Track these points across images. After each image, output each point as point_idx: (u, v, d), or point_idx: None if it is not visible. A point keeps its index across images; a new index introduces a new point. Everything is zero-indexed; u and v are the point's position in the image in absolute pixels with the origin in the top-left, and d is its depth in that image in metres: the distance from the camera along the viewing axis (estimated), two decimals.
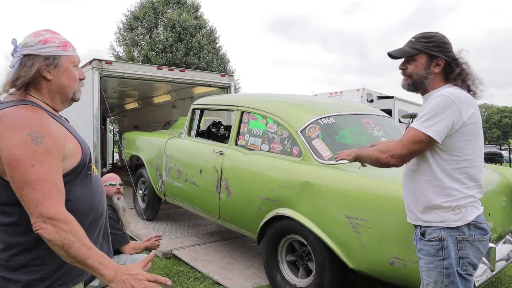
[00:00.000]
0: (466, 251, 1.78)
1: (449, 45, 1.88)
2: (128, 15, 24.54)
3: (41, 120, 1.29)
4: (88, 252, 1.23)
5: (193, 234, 5.09)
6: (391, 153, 1.84)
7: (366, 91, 13.47)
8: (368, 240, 2.66)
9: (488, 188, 3.10)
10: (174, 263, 4.12)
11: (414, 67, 1.87)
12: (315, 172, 3.06)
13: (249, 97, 4.21)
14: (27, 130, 1.24)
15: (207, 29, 24.59)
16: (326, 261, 2.93)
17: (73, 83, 1.45)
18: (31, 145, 1.22)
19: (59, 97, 1.43)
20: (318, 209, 2.96)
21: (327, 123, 3.39)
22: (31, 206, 1.21)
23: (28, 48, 1.36)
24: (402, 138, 1.83)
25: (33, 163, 1.22)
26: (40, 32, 1.41)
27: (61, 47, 1.40)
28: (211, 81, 7.39)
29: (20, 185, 1.21)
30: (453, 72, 1.83)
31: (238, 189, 3.67)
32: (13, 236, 1.29)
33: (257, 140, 3.74)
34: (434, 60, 1.85)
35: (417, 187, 1.88)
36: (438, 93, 1.81)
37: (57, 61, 1.39)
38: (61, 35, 1.45)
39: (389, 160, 1.85)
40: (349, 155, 2.15)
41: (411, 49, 1.87)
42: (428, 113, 1.76)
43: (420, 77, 1.87)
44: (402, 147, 1.81)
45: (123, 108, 12.94)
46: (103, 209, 1.52)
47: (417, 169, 1.88)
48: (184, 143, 4.73)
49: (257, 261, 4.11)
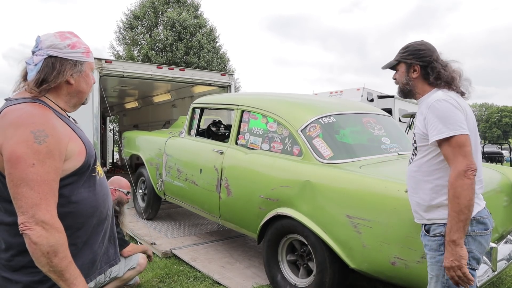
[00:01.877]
0: (470, 246, 1.81)
1: (424, 51, 2.00)
2: (128, 14, 24.54)
3: (46, 119, 1.28)
4: (69, 265, 1.22)
5: (193, 233, 5.07)
6: (468, 171, 1.71)
7: (367, 90, 13.45)
8: (369, 240, 2.64)
9: (489, 188, 3.09)
10: (174, 263, 4.11)
11: (398, 75, 2.08)
12: (316, 171, 3.05)
13: (250, 96, 4.20)
14: (30, 128, 1.22)
15: (207, 28, 24.59)
16: (326, 261, 2.92)
17: (89, 88, 1.48)
18: (33, 143, 1.21)
19: (74, 100, 1.45)
20: (319, 208, 2.94)
21: (328, 122, 3.37)
22: (24, 206, 1.18)
23: (56, 50, 1.36)
24: (453, 155, 1.75)
25: (34, 163, 1.20)
26: (65, 35, 1.40)
27: (85, 53, 1.42)
28: (211, 80, 7.38)
29: (17, 182, 1.19)
30: (430, 76, 1.96)
31: (238, 189, 3.66)
32: (15, 236, 1.28)
33: (257, 139, 3.73)
34: (411, 67, 2.01)
35: (419, 187, 1.95)
36: (429, 99, 1.90)
37: (82, 67, 1.41)
38: (82, 40, 1.46)
39: (472, 176, 1.72)
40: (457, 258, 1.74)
41: (393, 61, 2.09)
42: (442, 119, 1.79)
43: (403, 83, 2.05)
44: (464, 156, 1.74)
45: (123, 107, 12.93)
46: (108, 211, 1.50)
47: (418, 170, 1.95)
48: (184, 142, 4.72)
49: (257, 261, 4.10)
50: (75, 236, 1.28)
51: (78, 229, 1.32)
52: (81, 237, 1.34)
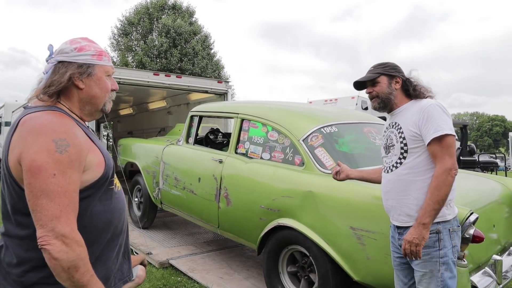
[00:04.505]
0: (455, 241, 2.04)
1: (400, 68, 2.26)
2: (123, 20, 24.49)
3: (67, 127, 1.23)
4: (91, 280, 1.17)
5: (189, 243, 5.00)
6: (452, 170, 1.94)
7: (361, 98, 13.50)
8: (373, 252, 2.60)
9: (491, 199, 3.09)
10: (172, 273, 4.03)
11: (379, 87, 2.20)
12: (318, 181, 3.01)
13: (250, 105, 4.16)
14: (52, 136, 1.17)
15: (202, 34, 24.61)
16: (329, 273, 2.87)
17: (104, 93, 1.39)
18: (55, 153, 1.16)
19: (89, 107, 1.38)
20: (322, 219, 2.90)
21: (330, 132, 3.35)
22: (44, 218, 1.12)
23: (63, 55, 1.32)
24: (444, 150, 1.96)
25: (55, 173, 1.15)
26: (76, 40, 1.36)
27: (96, 56, 1.35)
28: (208, 88, 7.35)
29: (37, 193, 1.13)
30: (409, 88, 2.17)
31: (238, 198, 3.61)
32: (27, 250, 1.21)
33: (257, 148, 3.69)
34: (393, 79, 2.19)
35: (410, 188, 2.06)
36: (420, 104, 2.09)
37: (91, 69, 1.34)
38: (98, 44, 1.40)
39: (454, 175, 1.96)
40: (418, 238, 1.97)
41: (374, 74, 2.22)
42: (438, 119, 1.99)
43: (386, 94, 2.19)
44: (450, 156, 1.96)
45: (118, 113, 12.85)
46: (123, 226, 1.44)
47: (410, 172, 2.07)
48: (182, 151, 4.66)
49: (256, 271, 4.04)
50: (88, 251, 1.23)
51: (91, 245, 1.26)
52: (94, 252, 1.28)
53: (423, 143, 2.03)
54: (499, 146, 69.69)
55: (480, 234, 2.26)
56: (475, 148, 11.86)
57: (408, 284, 2.18)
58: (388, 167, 2.20)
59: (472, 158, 11.13)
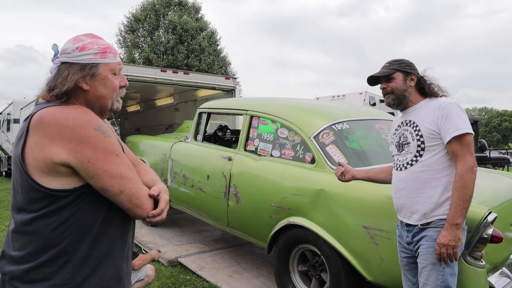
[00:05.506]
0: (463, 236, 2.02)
1: (415, 66, 2.24)
2: (130, 17, 24.50)
3: (93, 116, 1.24)
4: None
5: (198, 240, 4.97)
6: (474, 168, 1.94)
7: (369, 94, 13.39)
8: (387, 252, 2.55)
9: (507, 197, 3.01)
10: (180, 272, 4.01)
11: (394, 83, 2.18)
12: (329, 179, 2.95)
13: (259, 101, 4.10)
14: (92, 126, 1.19)
15: (208, 31, 24.54)
16: (341, 273, 2.82)
17: (111, 92, 1.33)
18: (104, 138, 1.20)
19: (98, 107, 1.33)
20: (333, 218, 2.85)
21: (341, 128, 3.28)
22: (136, 195, 1.24)
23: (65, 55, 1.27)
24: (465, 148, 1.96)
25: (117, 154, 1.22)
26: (80, 37, 1.31)
27: (99, 54, 1.29)
28: (215, 84, 7.30)
29: (117, 176, 1.21)
30: (425, 85, 2.16)
31: (248, 196, 3.56)
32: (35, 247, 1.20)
33: (267, 146, 3.64)
34: (409, 76, 2.18)
35: (426, 186, 2.04)
36: (438, 103, 2.07)
37: (94, 70, 1.28)
38: (103, 40, 1.34)
39: (475, 173, 1.96)
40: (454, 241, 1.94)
41: (389, 70, 2.19)
42: (457, 118, 1.99)
43: (401, 90, 2.16)
44: (471, 154, 1.96)
45: (125, 110, 12.85)
46: (132, 223, 1.41)
47: (426, 170, 2.05)
48: (190, 148, 4.62)
49: (266, 270, 4.00)
50: (98, 247, 1.22)
51: (101, 240, 1.24)
52: (103, 249, 1.26)
53: (441, 141, 2.02)
54: (508, 141, 68.97)
55: (499, 234, 2.20)
56: (486, 144, 11.71)
57: (417, 284, 2.15)
58: (401, 165, 2.17)
59: (483, 154, 10.99)
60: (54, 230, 1.18)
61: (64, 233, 1.19)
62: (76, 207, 1.20)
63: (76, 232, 1.20)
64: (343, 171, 2.44)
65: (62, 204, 1.18)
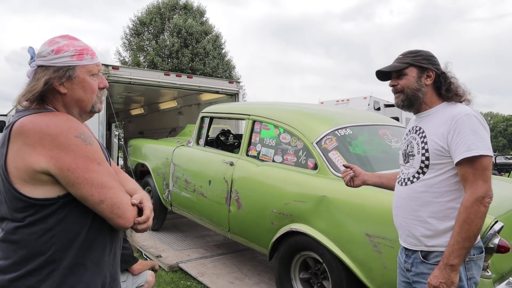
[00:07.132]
0: (472, 272, 1.71)
1: (436, 59, 1.85)
2: (135, 21, 24.60)
3: (76, 122, 1.21)
4: None
5: (199, 245, 4.93)
6: (486, 198, 1.59)
7: (373, 99, 13.31)
8: (390, 261, 2.49)
9: None
10: (181, 277, 3.96)
11: (405, 81, 1.82)
12: (332, 186, 2.90)
13: (261, 106, 4.07)
14: (73, 133, 1.16)
15: (213, 34, 24.59)
16: (343, 281, 2.77)
17: (90, 95, 1.30)
18: (86, 145, 1.17)
19: (76, 110, 1.30)
20: (336, 225, 2.80)
21: (344, 134, 3.24)
22: (117, 205, 1.21)
23: (41, 59, 1.24)
24: (477, 173, 1.61)
25: (98, 162, 1.19)
26: (55, 40, 1.27)
27: (75, 56, 1.26)
28: (219, 88, 7.27)
29: (98, 184, 1.18)
30: (442, 86, 1.79)
31: (249, 202, 3.52)
32: (20, 256, 1.18)
33: (269, 151, 3.59)
34: (425, 72, 1.80)
35: (424, 209, 1.74)
36: (453, 112, 1.71)
37: (71, 72, 1.25)
38: (79, 41, 1.31)
39: (487, 205, 1.61)
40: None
41: (401, 64, 1.82)
42: (472, 135, 1.63)
43: (413, 90, 1.80)
44: (484, 181, 1.61)
45: (129, 113, 12.85)
46: (120, 232, 1.38)
47: (427, 191, 1.73)
48: (192, 152, 4.59)
49: (267, 276, 3.95)
50: (85, 255, 1.19)
51: (88, 248, 1.21)
52: (90, 256, 1.23)
53: (450, 160, 1.68)
54: None
55: (506, 244, 2.14)
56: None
57: None
58: (403, 179, 1.86)
59: None
60: (39, 238, 1.15)
61: (50, 242, 1.17)
62: (61, 215, 1.18)
63: (62, 240, 1.18)
64: (352, 176, 2.13)
65: (46, 213, 1.16)
